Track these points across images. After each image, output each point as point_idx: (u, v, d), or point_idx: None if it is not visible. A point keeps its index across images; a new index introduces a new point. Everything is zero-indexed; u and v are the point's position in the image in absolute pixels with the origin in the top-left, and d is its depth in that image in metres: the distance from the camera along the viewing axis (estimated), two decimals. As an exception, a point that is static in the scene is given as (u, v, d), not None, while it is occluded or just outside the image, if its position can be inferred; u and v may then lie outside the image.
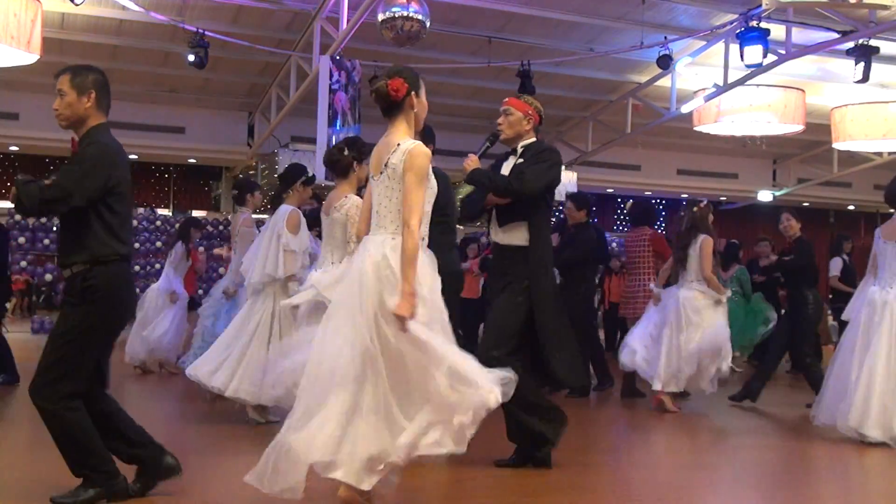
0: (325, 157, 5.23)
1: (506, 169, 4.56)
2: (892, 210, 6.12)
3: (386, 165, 3.42)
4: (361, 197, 4.68)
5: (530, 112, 4.59)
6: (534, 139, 4.62)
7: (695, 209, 6.91)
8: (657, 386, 6.77)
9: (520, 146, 4.60)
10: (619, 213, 19.38)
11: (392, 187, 3.39)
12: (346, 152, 4.98)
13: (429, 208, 3.46)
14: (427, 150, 3.43)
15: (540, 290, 4.37)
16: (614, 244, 14.92)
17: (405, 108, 3.51)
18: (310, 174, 6.02)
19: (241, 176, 16.57)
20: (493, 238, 4.63)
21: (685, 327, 6.65)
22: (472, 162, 4.54)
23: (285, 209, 5.74)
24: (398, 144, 3.42)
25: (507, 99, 4.70)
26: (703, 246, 6.71)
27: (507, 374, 3.30)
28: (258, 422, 5.71)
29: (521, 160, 4.53)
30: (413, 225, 3.27)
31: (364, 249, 3.42)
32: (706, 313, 6.66)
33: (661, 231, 19.64)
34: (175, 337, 8.91)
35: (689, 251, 6.76)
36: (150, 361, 9.14)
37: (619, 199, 19.09)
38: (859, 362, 5.66)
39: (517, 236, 4.46)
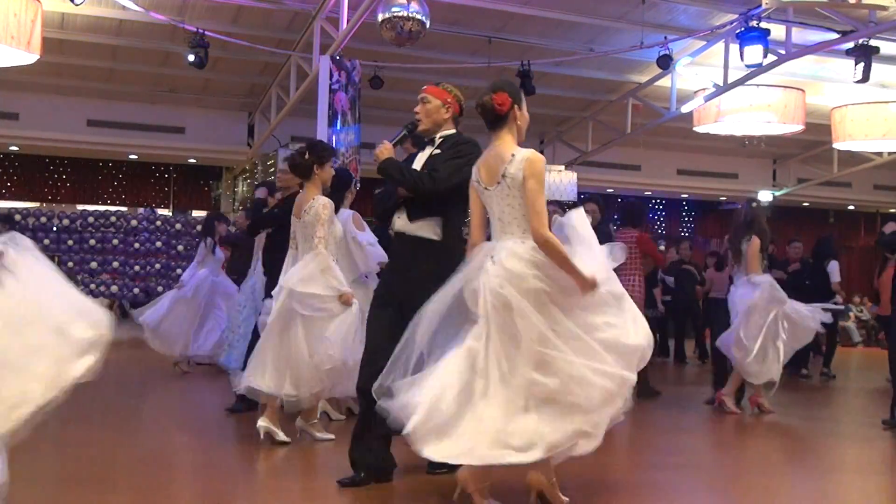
0: (287, 161, 5.32)
1: (420, 159, 4.22)
2: (891, 210, 6.10)
3: (504, 176, 3.62)
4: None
5: (449, 100, 4.24)
6: (453, 130, 4.26)
7: (753, 204, 7.12)
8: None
9: (438, 137, 4.23)
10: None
11: (513, 195, 3.60)
12: (306, 156, 5.04)
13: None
14: (543, 157, 3.66)
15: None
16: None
17: (509, 120, 3.76)
18: (355, 179, 6.19)
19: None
20: (396, 226, 4.18)
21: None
22: (385, 150, 4.14)
23: (348, 213, 5.89)
24: (513, 154, 3.64)
25: (425, 86, 4.31)
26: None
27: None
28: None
29: (437, 151, 4.18)
30: (543, 226, 3.50)
31: (490, 253, 3.58)
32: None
33: (660, 230, 19.75)
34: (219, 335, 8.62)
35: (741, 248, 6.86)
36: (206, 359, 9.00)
37: (619, 199, 19.10)
38: None
39: (430, 230, 4.08)
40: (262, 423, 5.04)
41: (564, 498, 3.66)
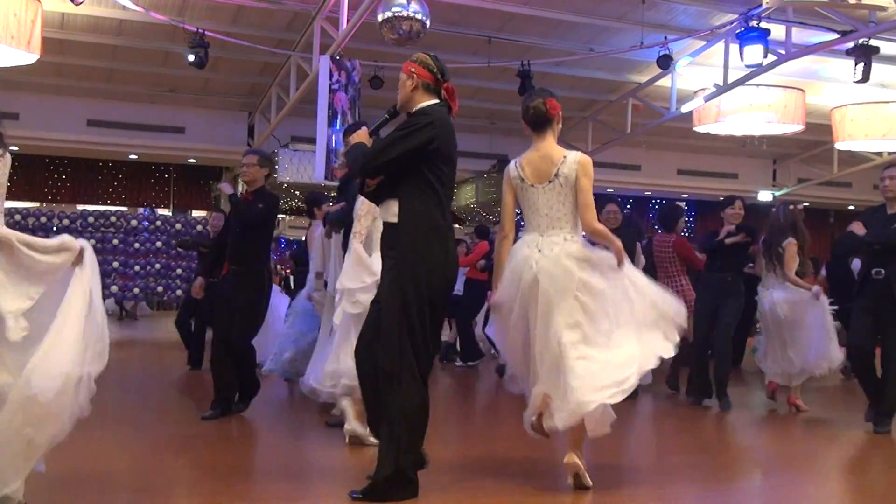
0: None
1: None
2: None
3: (557, 175, 4.02)
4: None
5: (413, 69, 3.87)
6: (428, 102, 3.82)
7: (791, 207, 7.11)
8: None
9: (408, 114, 3.88)
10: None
11: (565, 193, 4.01)
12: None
13: None
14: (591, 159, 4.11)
15: (404, 272, 3.70)
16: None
17: (554, 124, 4.12)
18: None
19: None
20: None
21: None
22: (357, 136, 3.95)
23: (321, 228, 6.05)
24: (564, 157, 4.04)
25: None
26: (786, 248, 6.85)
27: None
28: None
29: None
30: (595, 219, 4.01)
31: (537, 247, 4.01)
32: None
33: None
34: None
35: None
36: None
37: (620, 199, 19.13)
38: None
39: (390, 212, 3.80)
40: (349, 427, 4.89)
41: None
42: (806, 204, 19.23)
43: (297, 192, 15.96)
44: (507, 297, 4.07)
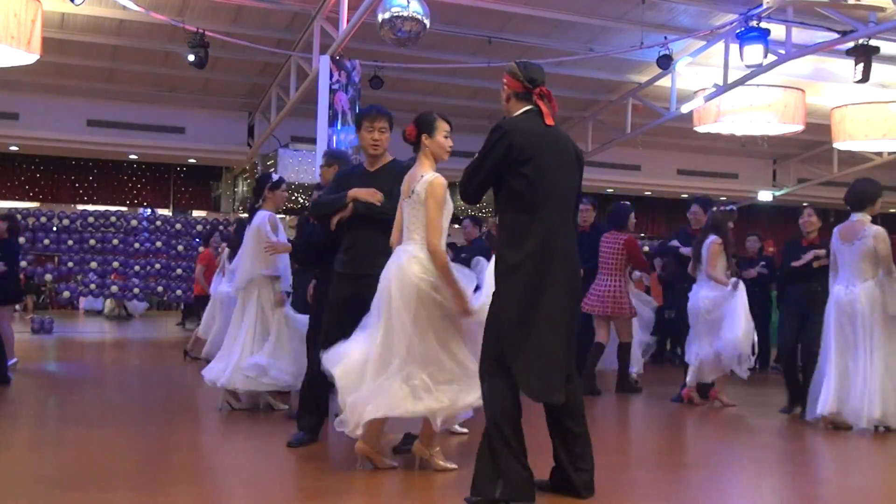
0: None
1: None
2: (891, 210, 6.21)
3: (413, 192, 4.18)
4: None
5: (504, 82, 3.90)
6: (517, 112, 3.85)
7: (716, 209, 7.42)
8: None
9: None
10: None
11: (417, 209, 4.17)
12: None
13: (446, 224, 4.21)
14: (443, 182, 4.18)
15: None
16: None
17: (421, 145, 4.27)
18: (274, 179, 6.27)
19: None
20: None
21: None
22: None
23: (264, 214, 6.09)
24: (422, 176, 4.18)
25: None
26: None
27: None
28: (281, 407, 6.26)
29: None
30: (434, 238, 4.11)
31: (397, 256, 4.20)
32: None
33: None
34: None
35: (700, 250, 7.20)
36: None
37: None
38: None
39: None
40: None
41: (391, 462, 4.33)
42: (806, 204, 19.29)
43: (298, 193, 15.95)
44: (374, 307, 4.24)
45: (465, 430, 5.32)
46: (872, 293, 6.00)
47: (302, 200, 14.51)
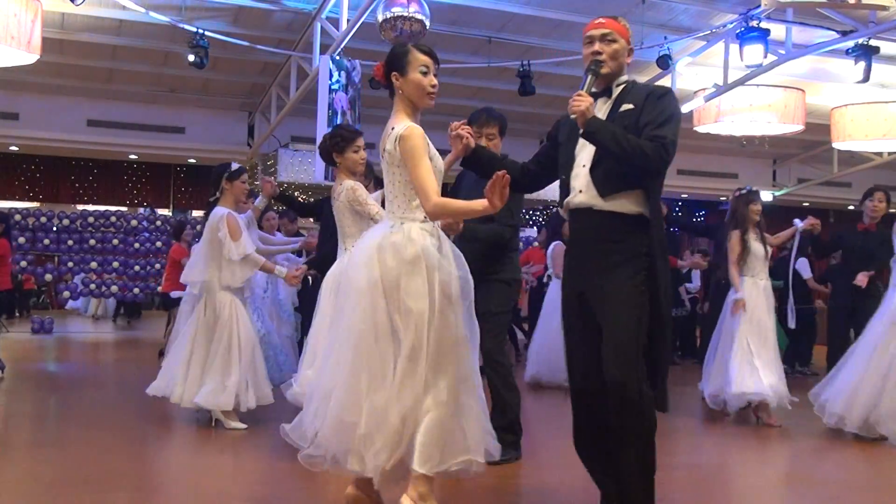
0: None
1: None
2: (891, 210, 6.17)
3: (384, 150, 3.26)
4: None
5: (630, 40, 3.39)
6: (626, 77, 3.40)
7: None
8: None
9: (615, 85, 3.37)
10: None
11: (392, 172, 3.25)
12: (327, 141, 4.88)
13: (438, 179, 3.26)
14: (418, 131, 3.18)
15: (662, 274, 3.24)
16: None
17: (395, 89, 3.29)
18: (233, 168, 5.59)
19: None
20: (579, 201, 3.32)
21: None
22: (585, 102, 3.19)
23: (220, 212, 5.46)
24: (392, 128, 3.24)
25: (601, 19, 3.36)
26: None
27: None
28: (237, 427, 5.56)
29: (629, 106, 3.26)
30: (428, 200, 3.11)
31: (370, 235, 3.34)
32: None
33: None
34: None
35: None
36: None
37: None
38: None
39: (628, 205, 3.25)
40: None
41: None
42: (806, 204, 19.35)
43: (298, 193, 15.96)
44: None
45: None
46: None
47: (302, 200, 14.52)
